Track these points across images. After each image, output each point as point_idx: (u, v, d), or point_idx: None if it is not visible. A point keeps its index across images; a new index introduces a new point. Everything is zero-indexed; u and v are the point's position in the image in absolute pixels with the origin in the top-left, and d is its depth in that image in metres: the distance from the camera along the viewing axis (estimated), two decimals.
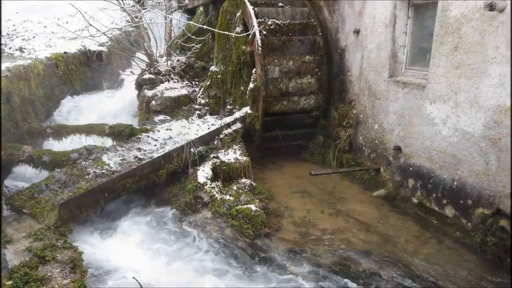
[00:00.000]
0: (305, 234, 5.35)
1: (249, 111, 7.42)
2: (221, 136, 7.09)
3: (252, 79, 7.41)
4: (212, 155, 6.66)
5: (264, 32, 7.14)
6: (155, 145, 6.66)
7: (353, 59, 6.99)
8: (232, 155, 6.71)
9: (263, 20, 7.23)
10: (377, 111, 6.38)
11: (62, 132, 6.92)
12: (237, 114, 7.50)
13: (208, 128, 7.20)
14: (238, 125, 7.33)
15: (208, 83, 8.41)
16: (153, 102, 8.14)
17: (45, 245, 4.42)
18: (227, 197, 5.88)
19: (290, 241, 5.20)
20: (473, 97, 4.72)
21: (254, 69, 7.39)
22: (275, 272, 4.67)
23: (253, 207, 5.59)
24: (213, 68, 8.50)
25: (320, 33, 7.44)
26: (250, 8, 7.33)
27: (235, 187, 6.20)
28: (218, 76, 8.30)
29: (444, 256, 4.80)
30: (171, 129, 7.23)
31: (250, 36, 7.18)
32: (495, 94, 4.45)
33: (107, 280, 4.42)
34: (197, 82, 9.26)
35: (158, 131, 7.12)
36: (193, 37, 8.44)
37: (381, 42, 6.17)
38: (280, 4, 7.96)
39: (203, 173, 6.28)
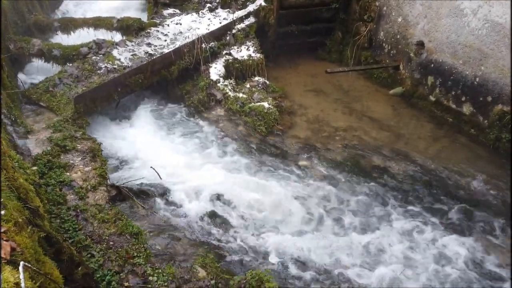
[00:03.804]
0: (317, 131, 5.40)
1: (263, 3, 6.94)
2: (234, 31, 6.75)
3: None
4: (224, 52, 6.43)
5: None
6: (165, 40, 6.42)
7: None
8: (245, 52, 6.47)
9: None
10: (403, 2, 5.88)
11: (70, 25, 6.68)
12: (251, 7, 7.03)
13: (220, 23, 6.83)
14: (252, 19, 6.92)
15: None
16: None
17: (64, 136, 4.57)
18: (240, 94, 5.83)
19: (302, 138, 5.28)
20: None
21: None
22: (285, 165, 4.81)
23: (266, 104, 5.57)
24: None
25: None
26: None
27: (248, 85, 6.10)
28: None
29: (456, 152, 4.84)
30: (181, 24, 6.88)
31: None
32: None
33: (126, 169, 4.65)
34: None
35: (168, 25, 6.80)
36: None
37: None
38: None
39: (216, 70, 6.15)
